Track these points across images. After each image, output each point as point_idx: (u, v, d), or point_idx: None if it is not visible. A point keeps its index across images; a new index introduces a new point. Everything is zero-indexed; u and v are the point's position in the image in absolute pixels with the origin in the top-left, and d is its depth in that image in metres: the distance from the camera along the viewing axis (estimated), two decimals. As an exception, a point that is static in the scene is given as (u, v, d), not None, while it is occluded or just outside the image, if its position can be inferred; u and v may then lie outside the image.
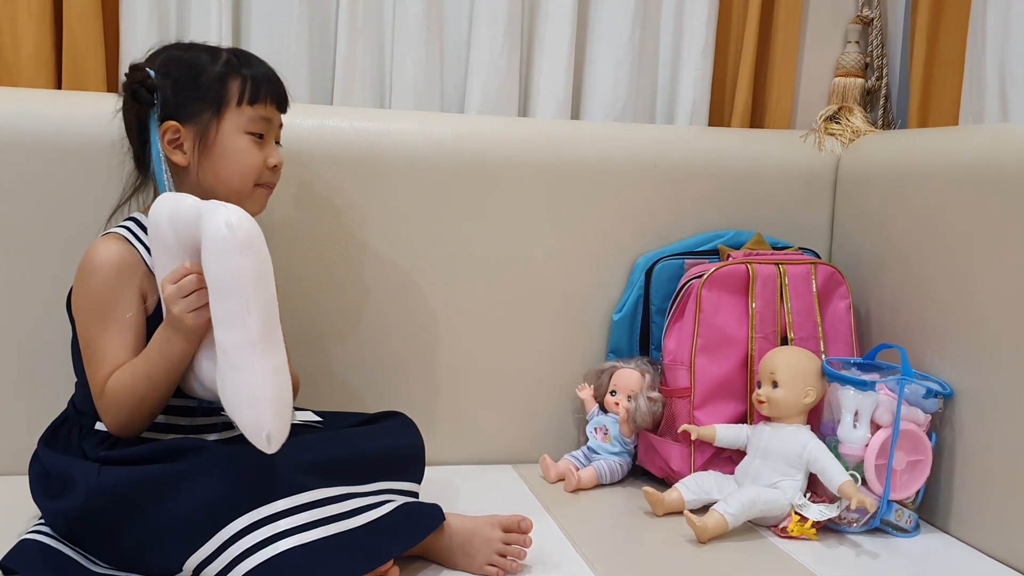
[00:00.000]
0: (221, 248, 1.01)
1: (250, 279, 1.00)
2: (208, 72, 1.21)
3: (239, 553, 1.01)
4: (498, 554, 1.17)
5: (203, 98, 1.21)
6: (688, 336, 1.49)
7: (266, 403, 1.00)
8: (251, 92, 1.21)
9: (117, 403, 1.13)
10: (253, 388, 1.00)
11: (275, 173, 1.26)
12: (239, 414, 1.01)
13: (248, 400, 1.01)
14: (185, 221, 1.07)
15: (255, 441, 1.01)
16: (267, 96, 1.23)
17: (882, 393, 1.37)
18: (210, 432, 1.22)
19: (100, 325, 1.15)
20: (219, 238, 1.01)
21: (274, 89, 1.24)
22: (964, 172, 1.40)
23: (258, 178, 1.23)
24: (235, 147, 1.21)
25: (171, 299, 1.07)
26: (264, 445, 1.00)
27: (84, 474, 1.12)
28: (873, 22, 1.83)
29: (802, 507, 1.35)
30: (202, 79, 1.21)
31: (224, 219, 1.01)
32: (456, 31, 1.71)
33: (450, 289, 1.57)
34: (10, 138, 1.39)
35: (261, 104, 1.22)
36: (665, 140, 1.69)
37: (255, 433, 1.00)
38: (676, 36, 1.80)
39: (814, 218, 1.71)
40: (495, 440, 1.61)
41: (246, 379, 1.00)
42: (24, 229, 1.40)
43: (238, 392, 1.01)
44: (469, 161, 1.56)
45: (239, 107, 1.21)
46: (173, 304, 1.07)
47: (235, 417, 1.02)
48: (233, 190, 1.21)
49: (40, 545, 1.12)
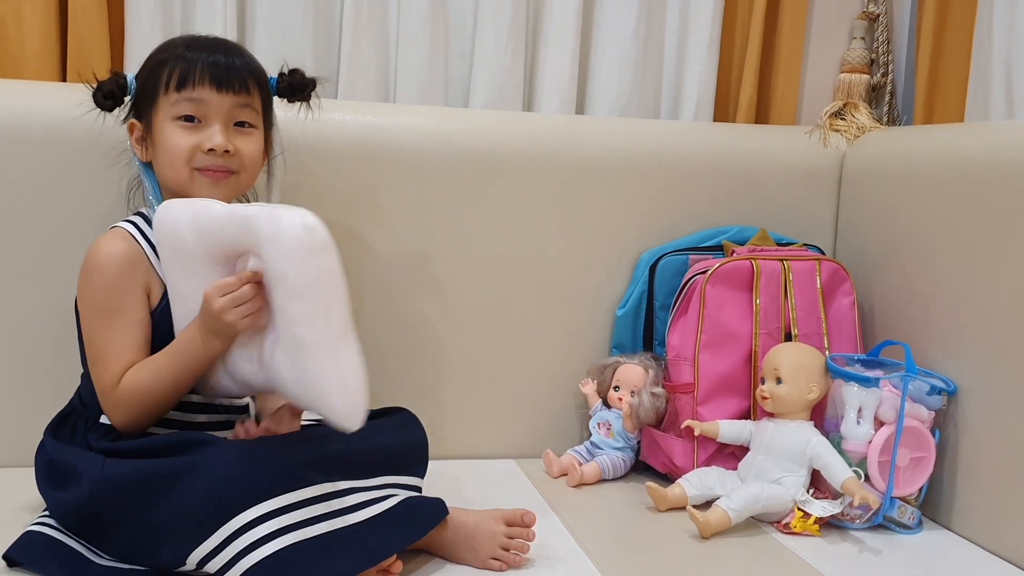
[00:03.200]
0: (304, 251, 1.03)
1: (333, 276, 1.04)
2: (149, 63, 1.22)
3: (243, 548, 1.01)
4: (501, 548, 1.17)
5: (144, 92, 1.21)
6: (692, 332, 1.49)
7: (358, 390, 1.05)
8: (178, 77, 1.18)
9: (131, 401, 1.14)
10: (344, 377, 1.05)
11: (218, 156, 1.19)
12: (327, 403, 1.05)
13: (339, 389, 1.05)
14: (217, 228, 1.09)
15: (346, 425, 1.04)
16: (200, 78, 1.18)
17: (886, 390, 1.37)
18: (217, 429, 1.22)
19: (105, 323, 1.15)
20: (299, 241, 1.02)
21: (212, 70, 1.18)
22: (969, 169, 1.40)
23: (191, 162, 1.19)
24: (163, 135, 1.19)
25: (224, 309, 1.08)
26: (355, 427, 1.05)
27: (89, 466, 1.12)
28: (879, 18, 1.83)
29: (805, 503, 1.35)
30: (145, 73, 1.21)
31: (301, 223, 1.03)
32: (461, 25, 1.71)
33: (453, 284, 1.57)
34: (16, 130, 1.39)
35: (190, 87, 1.18)
36: (670, 135, 1.69)
37: (349, 419, 1.04)
38: (681, 31, 1.79)
39: (819, 214, 1.71)
40: (498, 435, 1.61)
41: (336, 369, 1.04)
42: (30, 221, 1.40)
43: (327, 383, 1.04)
44: (473, 156, 1.56)
45: (166, 94, 1.19)
46: (227, 314, 1.08)
47: (321, 407, 1.06)
48: (172, 180, 1.21)
49: (44, 537, 1.12)
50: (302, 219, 1.03)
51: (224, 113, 1.20)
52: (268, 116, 1.28)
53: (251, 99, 1.22)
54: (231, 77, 1.20)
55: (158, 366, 1.14)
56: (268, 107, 1.28)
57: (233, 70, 1.20)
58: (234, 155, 1.21)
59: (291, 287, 1.04)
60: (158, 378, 1.13)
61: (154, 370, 1.14)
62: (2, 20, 1.50)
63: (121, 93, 1.23)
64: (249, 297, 1.08)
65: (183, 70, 1.18)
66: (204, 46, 1.21)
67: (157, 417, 1.17)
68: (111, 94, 1.23)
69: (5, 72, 1.51)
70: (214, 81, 1.19)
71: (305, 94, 1.32)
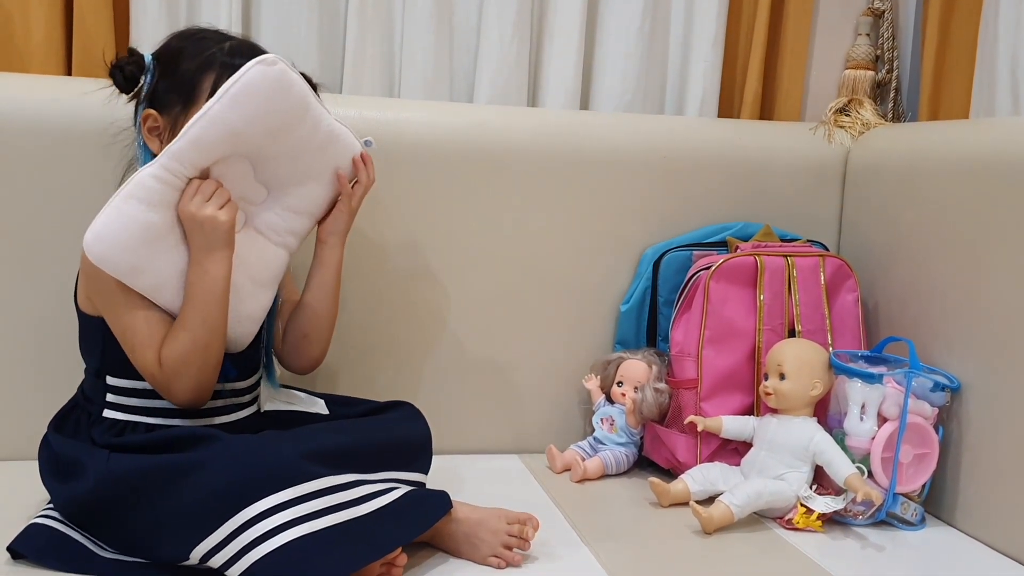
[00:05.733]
0: (272, 88, 1.13)
1: (305, 93, 1.18)
2: (188, 63, 1.18)
3: (249, 542, 1.02)
4: (503, 546, 1.17)
5: (177, 90, 1.18)
6: (695, 328, 1.49)
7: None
8: None
9: (179, 369, 1.13)
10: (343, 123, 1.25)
11: None
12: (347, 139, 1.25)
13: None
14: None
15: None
16: None
17: (889, 386, 1.37)
18: (218, 415, 1.23)
19: (128, 308, 1.14)
20: (264, 80, 1.12)
21: None
22: (974, 165, 1.40)
23: None
24: None
25: (198, 207, 1.10)
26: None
27: (94, 460, 1.12)
28: (884, 14, 1.82)
29: (808, 499, 1.35)
30: (180, 70, 1.18)
31: (257, 65, 1.11)
32: (466, 21, 1.71)
33: (457, 279, 1.57)
34: (22, 124, 1.39)
35: None
36: (674, 131, 1.69)
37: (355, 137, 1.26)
38: (686, 27, 1.79)
39: (823, 211, 1.70)
40: (501, 430, 1.61)
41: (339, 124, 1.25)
42: (35, 214, 1.41)
43: (342, 129, 1.24)
44: (477, 151, 1.56)
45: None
46: (204, 208, 1.10)
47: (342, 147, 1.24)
48: None
49: (49, 529, 1.13)
50: (257, 62, 1.12)
51: None
52: None
53: None
54: None
55: (184, 320, 1.14)
56: None
57: None
58: None
59: (267, 128, 1.14)
60: (191, 332, 1.13)
61: (182, 326, 1.13)
62: (8, 14, 1.50)
63: (140, 76, 1.19)
64: (215, 187, 1.12)
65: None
66: (245, 53, 1.17)
67: (213, 373, 1.16)
68: (132, 76, 1.19)
69: (11, 66, 1.51)
70: None
71: None
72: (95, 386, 1.20)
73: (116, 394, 1.19)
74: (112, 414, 1.19)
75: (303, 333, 1.30)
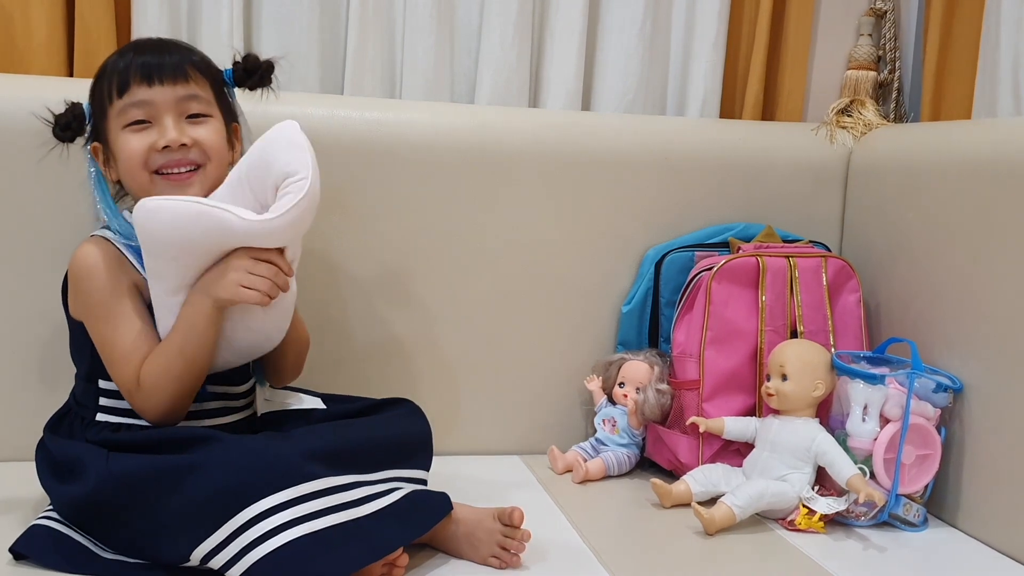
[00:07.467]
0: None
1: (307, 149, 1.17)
2: (93, 85, 1.21)
3: (249, 542, 1.01)
4: (500, 546, 1.16)
5: (96, 112, 1.20)
6: (697, 328, 1.49)
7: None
8: (117, 84, 1.16)
9: (155, 390, 1.14)
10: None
11: (175, 151, 1.17)
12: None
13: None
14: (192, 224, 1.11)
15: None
16: (135, 78, 1.16)
17: (891, 387, 1.37)
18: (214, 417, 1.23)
19: (110, 323, 1.16)
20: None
21: (143, 68, 1.16)
22: (976, 166, 1.40)
23: (147, 165, 1.17)
24: (118, 144, 1.18)
25: (245, 277, 1.11)
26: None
27: (93, 460, 1.12)
28: (886, 15, 1.82)
29: (810, 500, 1.34)
30: (92, 94, 1.20)
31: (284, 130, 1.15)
32: (467, 21, 1.71)
33: (459, 279, 1.57)
34: (23, 125, 1.39)
35: (129, 91, 1.16)
36: (676, 132, 1.69)
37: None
38: (687, 27, 1.79)
39: (825, 211, 1.70)
40: (503, 431, 1.61)
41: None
42: (35, 216, 1.41)
43: None
44: (479, 152, 1.56)
45: (111, 105, 1.17)
46: (250, 280, 1.11)
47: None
48: (135, 189, 1.19)
49: (50, 531, 1.13)
50: (284, 128, 1.15)
51: (172, 108, 1.17)
52: (226, 106, 1.25)
53: (195, 89, 1.19)
54: (164, 70, 1.17)
55: (165, 347, 1.14)
56: (222, 97, 1.24)
57: (165, 62, 1.17)
58: (193, 146, 1.18)
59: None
60: (168, 358, 1.14)
61: (164, 353, 1.14)
62: (9, 15, 1.50)
63: (79, 122, 1.20)
64: (274, 272, 1.13)
65: (119, 76, 1.17)
66: (135, 48, 1.20)
67: (186, 401, 1.17)
68: (68, 125, 1.19)
69: (12, 67, 1.51)
70: (147, 78, 1.16)
71: (263, 78, 1.25)
72: (87, 390, 1.21)
73: (109, 397, 1.19)
74: (105, 417, 1.19)
75: (273, 369, 1.31)
